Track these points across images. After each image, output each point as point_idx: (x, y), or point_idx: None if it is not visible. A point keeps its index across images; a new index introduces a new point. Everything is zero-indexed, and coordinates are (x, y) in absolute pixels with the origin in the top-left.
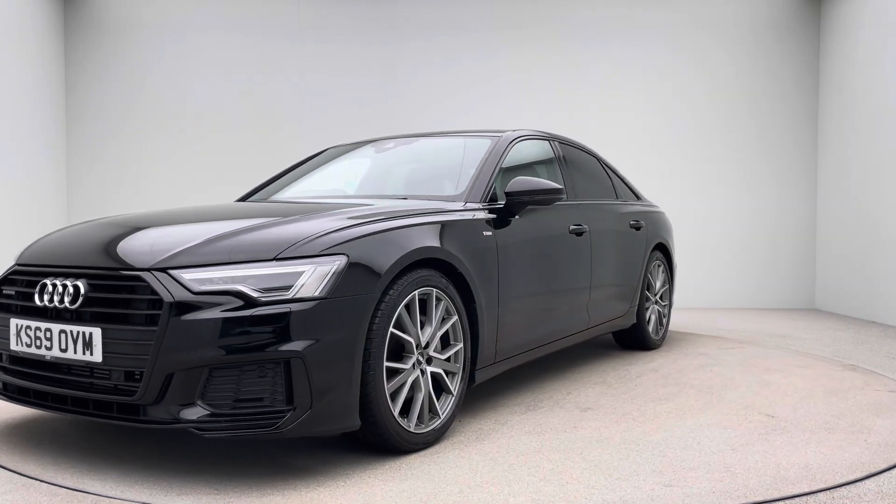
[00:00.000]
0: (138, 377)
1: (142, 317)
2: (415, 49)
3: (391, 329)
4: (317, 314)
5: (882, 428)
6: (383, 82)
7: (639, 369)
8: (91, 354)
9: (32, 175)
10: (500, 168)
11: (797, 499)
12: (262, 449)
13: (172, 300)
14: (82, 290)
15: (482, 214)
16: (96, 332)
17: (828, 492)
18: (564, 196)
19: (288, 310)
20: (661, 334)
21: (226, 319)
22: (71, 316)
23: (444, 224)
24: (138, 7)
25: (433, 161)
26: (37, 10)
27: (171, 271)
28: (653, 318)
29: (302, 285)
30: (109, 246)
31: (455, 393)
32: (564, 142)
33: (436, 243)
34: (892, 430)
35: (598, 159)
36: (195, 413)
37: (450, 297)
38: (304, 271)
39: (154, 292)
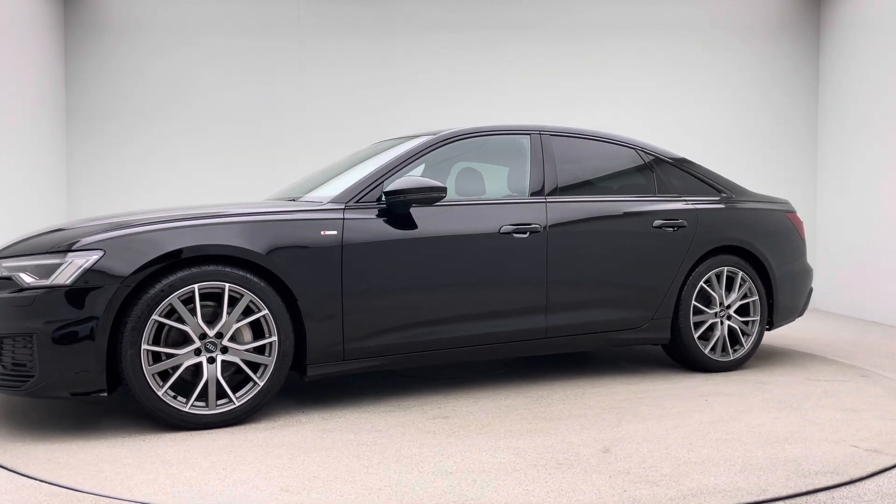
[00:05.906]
0: None
1: None
2: (417, 49)
3: (157, 317)
4: (63, 299)
5: (697, 483)
6: (384, 82)
7: (630, 388)
8: None
9: (32, 174)
10: (400, 168)
11: (797, 498)
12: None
13: None
14: None
15: (331, 214)
16: None
17: (827, 491)
18: (445, 195)
19: (35, 294)
20: (735, 355)
21: (2, 298)
22: None
23: (260, 224)
24: (138, 7)
25: (376, 164)
26: (36, 9)
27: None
28: (716, 335)
29: (59, 274)
30: None
31: (262, 383)
32: (562, 133)
33: (234, 242)
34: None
35: (640, 150)
36: None
37: (257, 293)
38: (62, 263)
39: None
